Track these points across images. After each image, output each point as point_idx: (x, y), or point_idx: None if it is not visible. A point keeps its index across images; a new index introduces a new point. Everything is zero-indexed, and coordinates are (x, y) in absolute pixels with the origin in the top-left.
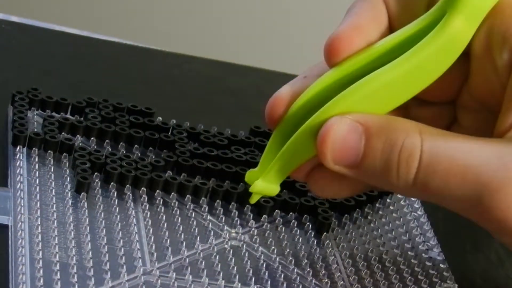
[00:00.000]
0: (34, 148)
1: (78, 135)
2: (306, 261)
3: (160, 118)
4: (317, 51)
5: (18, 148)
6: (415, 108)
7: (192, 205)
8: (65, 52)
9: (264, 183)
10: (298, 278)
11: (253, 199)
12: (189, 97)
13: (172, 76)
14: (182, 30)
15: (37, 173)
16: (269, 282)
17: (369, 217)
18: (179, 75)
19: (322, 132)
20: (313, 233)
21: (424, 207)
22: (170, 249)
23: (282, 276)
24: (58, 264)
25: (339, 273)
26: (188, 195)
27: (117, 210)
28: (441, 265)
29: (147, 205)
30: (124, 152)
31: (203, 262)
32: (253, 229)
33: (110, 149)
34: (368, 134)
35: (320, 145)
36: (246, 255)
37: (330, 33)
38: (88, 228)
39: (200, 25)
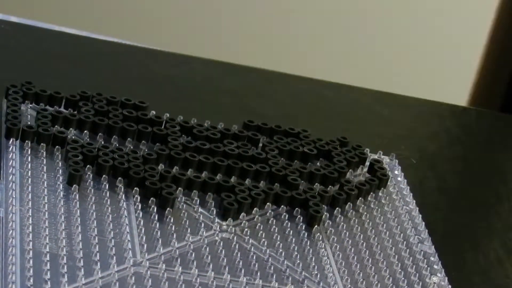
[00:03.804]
0: (27, 141)
1: (71, 128)
2: (296, 253)
3: (154, 112)
4: (316, 51)
5: (11, 140)
6: None
7: (183, 198)
8: (64, 52)
9: None
10: (287, 270)
11: None
12: (188, 97)
13: (171, 76)
14: (181, 30)
15: (29, 165)
16: (258, 273)
17: (360, 211)
18: (177, 75)
19: None
20: (304, 226)
21: (422, 206)
22: (160, 240)
23: (272, 268)
24: (48, 255)
25: (329, 266)
26: (179, 188)
27: (109, 202)
28: (432, 258)
29: (138, 197)
30: (117, 145)
31: (193, 254)
32: (244, 221)
33: (103, 142)
34: None
35: None
36: (237, 247)
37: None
38: (79, 219)
39: (199, 25)
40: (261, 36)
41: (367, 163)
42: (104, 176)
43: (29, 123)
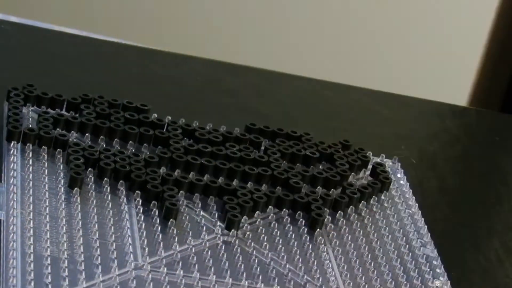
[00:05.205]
0: (28, 144)
1: (72, 131)
2: (298, 257)
3: (155, 115)
4: (316, 51)
5: (12, 143)
6: None
7: (185, 201)
8: (65, 52)
9: None
10: (289, 274)
11: None
12: (188, 97)
13: (171, 76)
14: (181, 30)
15: (30, 168)
16: (260, 277)
17: (362, 214)
18: (178, 75)
19: None
20: (306, 230)
21: (422, 205)
22: (162, 244)
23: (274, 271)
24: (49, 259)
25: (331, 269)
26: (181, 191)
27: (110, 205)
28: (434, 262)
29: (140, 201)
30: (119, 148)
31: (195, 257)
32: (246, 225)
33: (104, 145)
34: None
35: None
36: (238, 250)
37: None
38: (80, 223)
39: (199, 25)
40: (261, 36)
41: (370, 166)
42: (105, 179)
43: (30, 126)
